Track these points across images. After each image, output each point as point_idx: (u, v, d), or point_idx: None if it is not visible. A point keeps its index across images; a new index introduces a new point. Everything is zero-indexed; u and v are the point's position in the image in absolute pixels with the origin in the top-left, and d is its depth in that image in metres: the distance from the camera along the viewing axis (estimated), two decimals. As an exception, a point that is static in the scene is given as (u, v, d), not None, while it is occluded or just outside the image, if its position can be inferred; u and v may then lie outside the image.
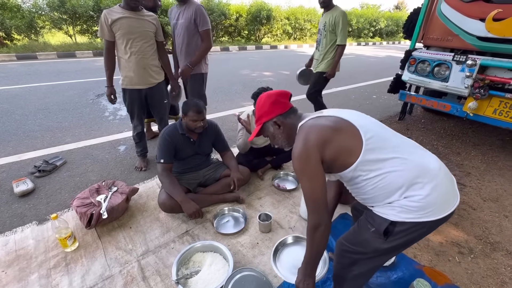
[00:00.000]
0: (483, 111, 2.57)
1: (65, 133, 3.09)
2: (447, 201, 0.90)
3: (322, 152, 0.91)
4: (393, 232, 0.90)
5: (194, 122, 1.77)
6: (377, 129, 0.96)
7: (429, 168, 0.90)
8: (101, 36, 2.01)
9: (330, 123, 0.95)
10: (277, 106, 1.07)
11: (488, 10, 2.39)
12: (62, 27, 9.53)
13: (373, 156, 0.89)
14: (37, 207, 1.93)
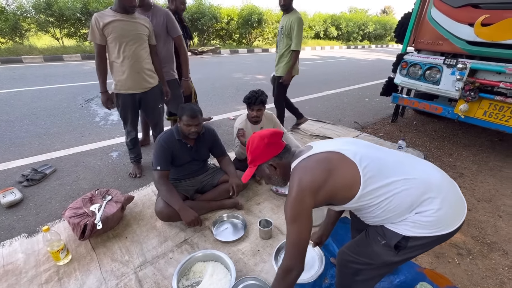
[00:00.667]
0: (473, 113, 2.64)
1: (54, 140, 2.98)
2: (457, 211, 0.90)
3: (316, 196, 0.88)
4: (406, 247, 0.89)
5: (187, 127, 1.73)
6: (372, 153, 0.94)
7: (432, 182, 0.89)
8: (92, 40, 1.94)
9: (322, 164, 0.91)
10: (271, 148, 1.04)
11: (477, 15, 2.46)
12: (48, 30, 9.30)
13: (374, 184, 0.87)
14: (26, 218, 1.84)
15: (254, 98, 2.07)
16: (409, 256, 0.92)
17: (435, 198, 0.85)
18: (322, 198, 0.89)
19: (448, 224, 0.86)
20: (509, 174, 2.57)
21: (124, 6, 1.90)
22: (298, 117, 3.50)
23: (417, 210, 0.86)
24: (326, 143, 1.02)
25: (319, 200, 0.89)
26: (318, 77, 7.09)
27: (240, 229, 1.76)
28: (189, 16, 11.39)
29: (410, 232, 0.86)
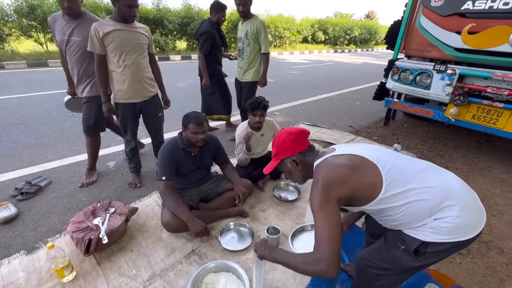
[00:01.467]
0: (463, 116, 2.77)
1: (46, 150, 2.88)
2: (476, 219, 0.92)
3: (340, 191, 0.91)
4: (426, 252, 0.91)
5: (195, 134, 1.72)
6: (393, 160, 0.97)
7: (453, 190, 0.92)
8: (92, 50, 1.91)
9: (347, 161, 0.95)
10: (297, 145, 1.09)
11: (463, 24, 2.60)
12: (31, 34, 8.99)
13: (395, 189, 0.90)
14: (23, 234, 1.76)
15: (257, 104, 2.10)
16: (428, 262, 0.95)
17: (455, 206, 0.88)
18: (345, 194, 0.91)
19: (467, 231, 0.89)
20: (497, 173, 2.70)
21: (124, 17, 1.90)
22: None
23: (436, 216, 0.89)
24: (348, 146, 1.06)
25: (342, 196, 0.91)
26: (310, 81, 7.21)
27: (247, 237, 1.76)
28: (178, 21, 11.34)
29: (429, 237, 0.89)
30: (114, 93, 2.06)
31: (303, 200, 2.17)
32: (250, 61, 2.91)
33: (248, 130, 2.29)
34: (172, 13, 11.66)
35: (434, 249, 0.90)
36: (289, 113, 4.53)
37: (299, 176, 1.15)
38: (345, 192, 0.91)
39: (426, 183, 0.91)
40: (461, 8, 2.61)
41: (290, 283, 1.46)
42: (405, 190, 0.90)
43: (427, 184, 0.91)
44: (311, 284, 1.45)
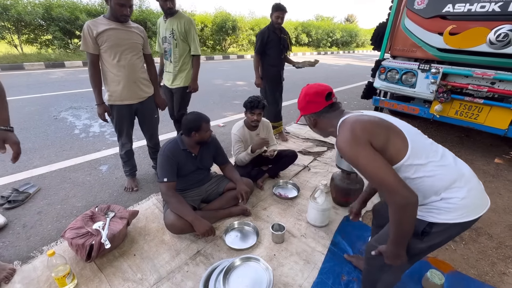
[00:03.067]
0: (447, 112, 2.93)
1: (30, 156, 2.74)
2: (480, 203, 0.96)
3: (371, 139, 0.91)
4: (430, 233, 0.95)
5: (207, 132, 1.77)
6: (416, 134, 1.00)
7: (464, 173, 0.95)
8: (85, 49, 1.83)
9: (377, 119, 0.98)
10: (311, 106, 1.13)
11: (445, 25, 2.76)
12: (4, 36, 8.50)
13: (417, 159, 0.92)
14: (15, 244, 1.66)
15: (257, 102, 2.12)
16: (433, 243, 0.99)
17: (463, 188, 0.92)
18: (376, 145, 0.91)
19: (470, 213, 0.93)
20: (479, 165, 2.88)
21: (116, 16, 1.83)
22: None
23: (444, 195, 0.92)
24: (374, 112, 1.08)
25: (373, 142, 0.91)
26: (296, 82, 7.31)
27: (251, 236, 1.77)
28: (162, 23, 11.14)
29: (435, 218, 0.93)
30: (108, 94, 1.98)
31: (302, 198, 2.20)
32: (180, 64, 2.46)
33: (245, 129, 2.30)
34: (155, 14, 11.45)
35: (438, 229, 0.94)
36: (280, 113, 4.57)
37: (318, 132, 1.21)
38: (375, 144, 0.91)
39: (444, 162, 0.95)
40: (442, 11, 2.77)
41: (299, 277, 1.48)
42: (425, 163, 0.92)
43: (444, 163, 0.94)
44: (319, 276, 1.48)
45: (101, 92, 1.94)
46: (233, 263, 1.39)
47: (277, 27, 2.93)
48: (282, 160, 2.45)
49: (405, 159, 0.92)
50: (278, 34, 2.96)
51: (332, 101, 1.12)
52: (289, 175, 2.56)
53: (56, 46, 9.09)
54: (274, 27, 2.93)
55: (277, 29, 2.95)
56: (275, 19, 2.88)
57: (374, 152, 0.90)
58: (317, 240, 1.75)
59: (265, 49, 2.96)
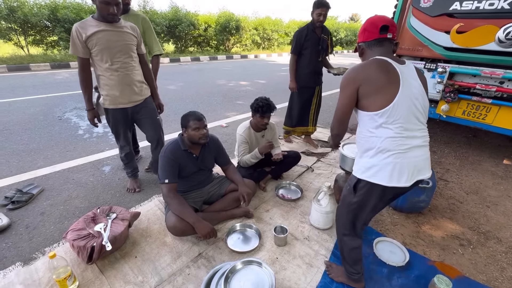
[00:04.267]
0: (453, 112, 2.87)
1: (34, 156, 2.75)
2: (403, 177, 1.06)
3: (360, 84, 1.08)
4: (357, 188, 1.17)
5: (197, 131, 1.68)
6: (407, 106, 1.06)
7: (407, 148, 1.05)
8: (74, 53, 1.74)
9: (394, 74, 1.06)
10: (364, 34, 1.16)
11: (452, 24, 2.70)
12: (11, 37, 8.61)
13: (382, 118, 1.05)
14: (18, 245, 1.67)
15: (267, 106, 2.07)
16: (362, 199, 1.16)
17: (391, 156, 1.06)
18: (362, 89, 1.08)
19: (382, 178, 1.07)
20: (487, 167, 2.81)
21: (103, 16, 1.71)
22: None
23: (374, 156, 1.09)
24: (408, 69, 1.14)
25: (360, 87, 1.08)
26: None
27: (254, 238, 1.74)
28: (166, 24, 11.19)
29: (360, 175, 1.14)
30: (103, 97, 1.92)
31: (306, 199, 2.17)
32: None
33: (251, 130, 2.27)
34: (159, 15, 11.51)
35: (362, 185, 1.14)
36: (283, 113, 4.51)
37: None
38: (360, 89, 1.08)
39: (401, 134, 1.05)
40: (449, 9, 2.71)
41: (302, 281, 1.45)
42: (385, 125, 1.05)
43: (404, 134, 1.05)
44: (323, 280, 1.45)
45: (91, 97, 1.90)
46: (235, 266, 1.37)
47: (318, 25, 2.67)
48: (285, 161, 2.42)
49: (374, 113, 1.06)
50: (318, 34, 2.72)
51: (385, 36, 1.13)
52: (292, 176, 2.53)
53: (61, 47, 9.18)
54: (314, 25, 2.68)
55: (318, 28, 2.71)
56: (317, 16, 2.61)
57: (345, 96, 1.12)
58: (321, 243, 1.72)
59: (301, 49, 2.76)
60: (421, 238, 1.79)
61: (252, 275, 1.37)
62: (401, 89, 1.04)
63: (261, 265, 1.40)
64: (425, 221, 1.96)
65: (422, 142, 1.11)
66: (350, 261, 1.35)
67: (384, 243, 1.71)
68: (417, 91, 1.10)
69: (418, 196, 1.91)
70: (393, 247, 1.68)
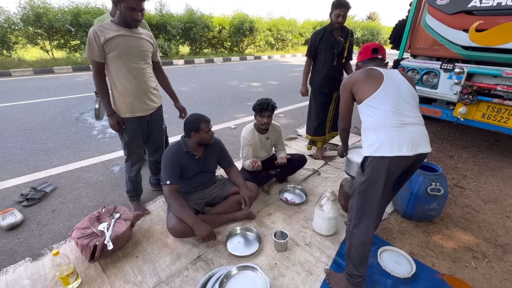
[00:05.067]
0: (472, 115, 2.71)
1: (51, 155, 2.89)
2: (400, 145, 1.17)
3: (352, 86, 1.38)
4: (365, 165, 1.25)
5: (207, 132, 1.74)
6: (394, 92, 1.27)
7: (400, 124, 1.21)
8: (90, 57, 1.66)
9: (368, 74, 1.33)
10: (360, 56, 1.51)
11: (470, 21, 2.55)
12: (37, 42, 9.14)
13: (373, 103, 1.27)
14: (28, 240, 1.75)
15: (266, 104, 2.09)
16: (371, 176, 1.22)
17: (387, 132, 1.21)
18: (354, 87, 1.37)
19: (386, 150, 1.18)
20: (510, 174, 2.62)
21: (126, 21, 1.66)
22: None
23: (372, 133, 1.26)
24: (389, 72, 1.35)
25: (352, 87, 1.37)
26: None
27: (254, 242, 1.72)
28: (181, 26, 11.43)
29: (365, 152, 1.26)
30: (116, 106, 1.80)
31: (310, 204, 2.12)
32: None
33: (255, 132, 2.26)
34: (175, 18, 11.77)
35: (368, 162, 1.23)
36: (293, 115, 4.50)
37: None
38: (353, 88, 1.37)
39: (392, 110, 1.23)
40: (468, 6, 2.56)
41: (300, 289, 1.41)
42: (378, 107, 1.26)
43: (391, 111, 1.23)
44: None
45: (110, 102, 1.78)
46: (230, 271, 1.36)
47: (337, 27, 2.47)
48: (290, 164, 2.38)
49: (366, 100, 1.29)
50: (335, 36, 2.51)
51: (376, 56, 1.46)
52: (297, 179, 2.49)
53: (83, 51, 9.62)
54: (332, 27, 2.49)
55: (337, 30, 2.51)
56: (335, 17, 2.40)
57: (344, 97, 1.44)
58: (322, 250, 1.67)
59: (316, 52, 2.60)
60: (430, 249, 1.69)
61: (247, 280, 1.35)
62: (384, 79, 1.27)
63: (257, 271, 1.38)
64: (436, 230, 1.85)
65: (416, 121, 1.25)
66: (356, 260, 1.28)
67: (390, 253, 1.64)
68: (401, 82, 1.31)
69: (428, 204, 1.81)
70: (399, 257, 1.60)
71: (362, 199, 1.26)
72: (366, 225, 1.26)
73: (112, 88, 1.79)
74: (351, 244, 1.30)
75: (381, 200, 1.24)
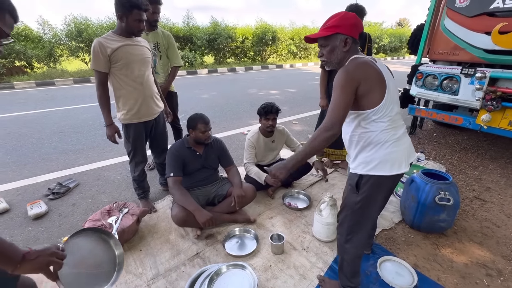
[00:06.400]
0: (497, 123, 2.51)
1: (78, 155, 3.17)
2: (400, 162, 1.10)
3: (363, 83, 1.04)
4: (360, 184, 1.14)
5: (204, 133, 1.85)
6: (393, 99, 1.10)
7: (396, 138, 1.10)
8: (96, 68, 1.72)
9: (376, 71, 1.07)
10: (355, 30, 1.13)
11: (493, 23, 2.40)
12: (78, 54, 10.11)
13: (376, 115, 1.08)
14: (50, 229, 1.94)
15: (270, 107, 2.15)
16: (368, 194, 1.13)
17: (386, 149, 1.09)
18: (364, 88, 1.05)
19: (385, 169, 1.09)
20: (543, 188, 2.37)
21: (133, 31, 1.75)
22: None
23: (372, 151, 1.11)
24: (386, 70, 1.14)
25: (361, 87, 1.05)
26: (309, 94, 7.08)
27: (251, 244, 1.75)
28: (206, 37, 11.97)
29: (362, 171, 1.13)
30: (123, 113, 1.87)
31: (313, 209, 2.10)
32: (166, 74, 2.54)
33: (260, 136, 2.31)
34: (200, 30, 12.38)
35: (365, 181, 1.12)
36: (308, 122, 4.47)
37: (337, 58, 1.15)
38: (360, 88, 1.04)
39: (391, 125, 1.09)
40: (490, 7, 2.42)
41: (291, 292, 1.40)
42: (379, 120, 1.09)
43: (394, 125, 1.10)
44: (313, 295, 1.39)
45: (110, 112, 1.87)
46: (220, 269, 1.40)
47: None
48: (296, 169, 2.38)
49: (370, 110, 1.07)
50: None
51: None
52: (304, 185, 2.47)
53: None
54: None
55: None
56: None
57: (348, 93, 1.04)
58: (319, 256, 1.64)
59: None
60: (437, 262, 1.59)
61: (236, 278, 1.37)
62: (387, 85, 1.08)
63: (246, 270, 1.40)
64: (446, 243, 1.73)
65: (404, 129, 1.17)
66: (348, 273, 1.28)
67: (391, 263, 1.56)
68: (393, 83, 1.14)
69: (437, 214, 1.71)
70: (401, 268, 1.53)
71: (356, 217, 1.20)
72: (359, 240, 1.22)
73: (118, 96, 1.85)
74: (343, 258, 1.28)
75: (376, 215, 1.22)
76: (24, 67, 9.17)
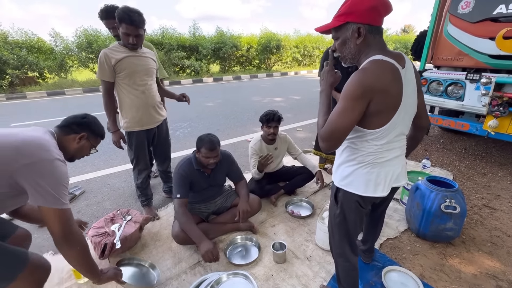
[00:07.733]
0: (505, 129, 2.46)
1: (85, 163, 3.23)
2: (376, 185, 1.01)
3: (373, 99, 0.86)
4: (338, 197, 1.11)
5: (206, 158, 1.75)
6: (399, 123, 0.96)
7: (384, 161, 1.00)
8: (101, 77, 1.81)
9: (402, 85, 0.90)
10: (373, 14, 0.88)
11: (497, 29, 2.39)
12: (88, 65, 10.41)
13: (370, 137, 0.96)
14: (54, 237, 1.96)
15: (272, 115, 2.15)
16: (342, 209, 1.10)
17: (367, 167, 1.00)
18: (373, 104, 0.88)
19: (358, 187, 1.03)
20: (556, 195, 2.29)
21: (124, 44, 1.80)
22: None
23: (354, 166, 1.03)
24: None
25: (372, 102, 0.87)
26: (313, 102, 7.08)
27: (253, 252, 1.73)
28: (211, 47, 12.20)
29: (339, 184, 1.08)
30: (126, 121, 1.92)
31: (316, 217, 2.07)
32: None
33: (262, 143, 2.32)
34: (206, 39, 12.64)
35: (341, 194, 1.09)
36: (311, 129, 4.46)
37: (351, 52, 0.96)
38: (372, 103, 0.87)
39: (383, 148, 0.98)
40: (493, 13, 2.41)
41: (292, 303, 1.38)
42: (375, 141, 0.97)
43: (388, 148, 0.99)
44: (315, 306, 1.36)
45: (115, 120, 1.94)
46: (221, 278, 1.38)
47: None
48: (299, 177, 2.37)
49: (370, 131, 0.94)
50: None
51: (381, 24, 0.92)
52: (307, 192, 2.45)
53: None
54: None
55: None
56: None
57: (355, 109, 0.87)
58: (322, 265, 1.61)
59: None
60: (445, 273, 1.54)
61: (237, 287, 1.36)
62: (400, 106, 0.91)
63: (247, 279, 1.38)
64: (454, 253, 1.68)
65: (400, 151, 1.05)
66: (347, 285, 1.25)
67: (396, 273, 1.52)
68: (411, 100, 0.98)
69: (443, 223, 1.67)
70: (406, 279, 1.48)
71: (339, 230, 1.15)
72: (348, 253, 1.18)
73: (122, 104, 1.92)
74: (339, 270, 1.25)
75: (359, 227, 1.16)
76: (36, 78, 9.49)
